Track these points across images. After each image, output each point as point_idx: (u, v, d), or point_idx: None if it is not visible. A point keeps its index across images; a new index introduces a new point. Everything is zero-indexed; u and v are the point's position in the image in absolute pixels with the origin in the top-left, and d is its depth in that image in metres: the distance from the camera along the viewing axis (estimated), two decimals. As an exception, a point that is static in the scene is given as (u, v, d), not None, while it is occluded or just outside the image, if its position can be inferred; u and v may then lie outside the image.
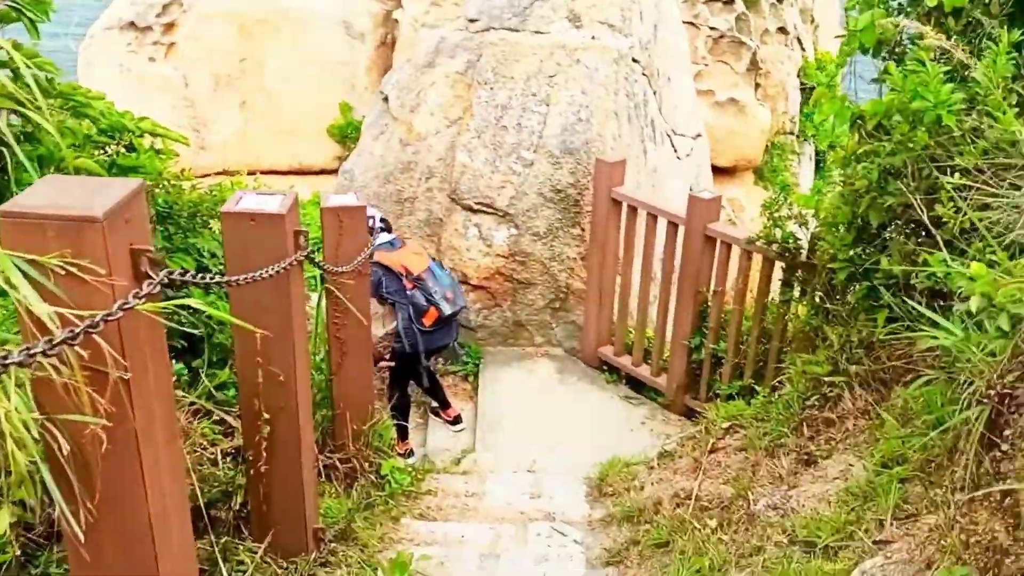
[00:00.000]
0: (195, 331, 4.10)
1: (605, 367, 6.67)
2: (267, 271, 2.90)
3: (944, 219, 3.06)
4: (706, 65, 10.66)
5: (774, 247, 5.25)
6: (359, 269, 4.21)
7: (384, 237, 5.90)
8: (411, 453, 6.28)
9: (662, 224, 6.15)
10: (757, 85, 11.09)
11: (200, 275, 2.43)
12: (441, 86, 6.92)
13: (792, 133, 12.27)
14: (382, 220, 5.94)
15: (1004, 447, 2.24)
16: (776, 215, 5.20)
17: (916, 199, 3.18)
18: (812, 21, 13.19)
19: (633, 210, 6.18)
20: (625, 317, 6.49)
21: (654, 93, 7.37)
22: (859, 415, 3.97)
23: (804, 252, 5.14)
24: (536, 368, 6.72)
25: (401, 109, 7.04)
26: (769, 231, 5.19)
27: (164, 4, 11.71)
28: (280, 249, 3.05)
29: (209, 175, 12.53)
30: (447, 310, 5.93)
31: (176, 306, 2.38)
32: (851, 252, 4.01)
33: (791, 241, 5.15)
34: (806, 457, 3.98)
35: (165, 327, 2.28)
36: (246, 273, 2.86)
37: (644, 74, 7.11)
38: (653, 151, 7.32)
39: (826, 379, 4.22)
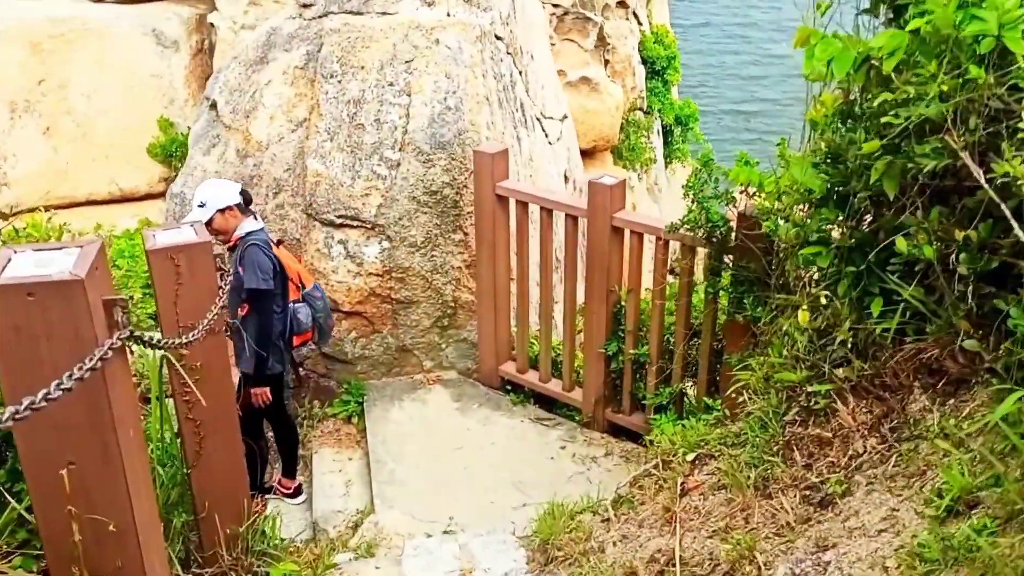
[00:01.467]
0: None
1: (509, 387, 5.63)
2: (66, 379, 1.70)
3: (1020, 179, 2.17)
4: (553, 44, 9.76)
5: (700, 232, 4.35)
6: (212, 326, 3.00)
7: (255, 223, 4.70)
8: (300, 491, 5.17)
9: (558, 218, 5.17)
10: (606, 62, 10.29)
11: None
12: (279, 84, 5.67)
13: (642, 109, 11.59)
14: (243, 193, 4.71)
15: None
16: (701, 195, 4.29)
17: (970, 158, 2.28)
18: (645, -5, 12.53)
19: (523, 205, 5.15)
20: (526, 328, 5.46)
21: (520, 73, 6.37)
22: (866, 433, 3.08)
23: (734, 235, 4.27)
24: (430, 398, 5.60)
25: (234, 115, 5.74)
26: (696, 215, 4.28)
27: (-65, 27, 9.78)
28: (83, 334, 1.84)
29: (19, 213, 10.75)
30: (326, 338, 4.93)
31: None
32: (834, 232, 3.14)
33: (721, 224, 4.26)
34: (812, 494, 3.07)
35: None
36: (32, 388, 1.64)
37: (508, 52, 6.08)
38: (526, 137, 6.32)
39: (808, 389, 3.33)
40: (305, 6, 5.87)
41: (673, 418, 4.80)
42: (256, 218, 4.71)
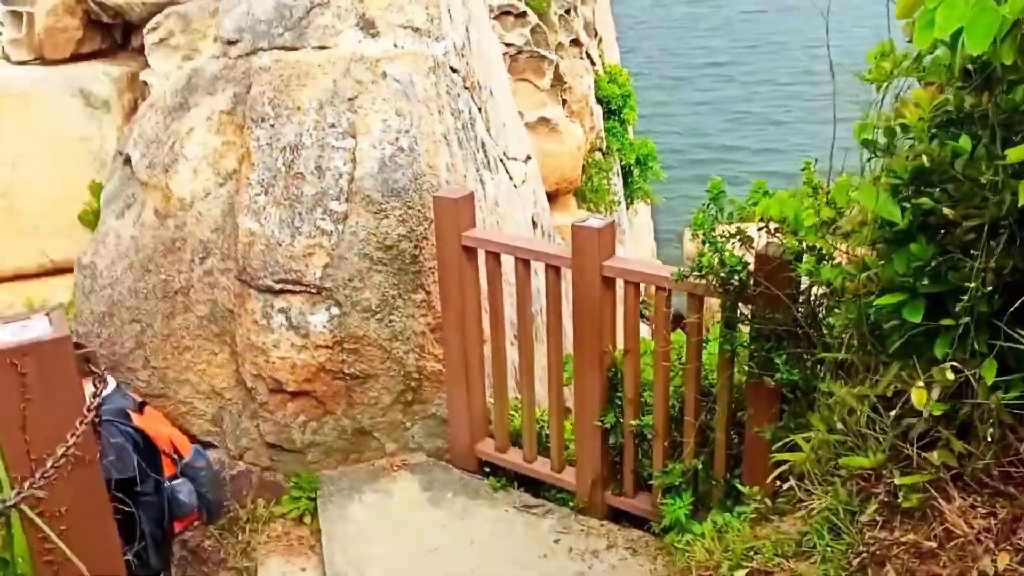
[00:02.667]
0: None
1: (488, 469, 4.67)
2: None
3: None
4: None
5: (713, 280, 3.49)
6: (77, 456, 2.03)
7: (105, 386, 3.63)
8: None
9: (537, 270, 4.29)
10: (563, 102, 9.53)
11: None
12: (202, 132, 4.74)
13: (601, 150, 10.85)
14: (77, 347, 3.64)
15: None
16: (712, 235, 3.43)
17: None
18: (596, 35, 11.88)
19: (494, 256, 4.26)
20: (504, 398, 4.53)
21: (479, 110, 5.51)
22: (992, 545, 2.20)
23: (752, 280, 3.42)
24: (396, 488, 4.62)
25: (151, 170, 4.79)
26: (709, 258, 3.42)
27: None
28: None
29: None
30: (217, 513, 3.93)
31: None
32: (924, 275, 2.28)
33: (740, 267, 3.40)
34: (926, 634, 2.17)
35: None
36: None
37: (466, 87, 5.22)
38: (490, 180, 5.44)
39: (891, 480, 2.45)
40: (230, 43, 4.96)
41: (689, 501, 3.90)
42: (104, 378, 3.66)
